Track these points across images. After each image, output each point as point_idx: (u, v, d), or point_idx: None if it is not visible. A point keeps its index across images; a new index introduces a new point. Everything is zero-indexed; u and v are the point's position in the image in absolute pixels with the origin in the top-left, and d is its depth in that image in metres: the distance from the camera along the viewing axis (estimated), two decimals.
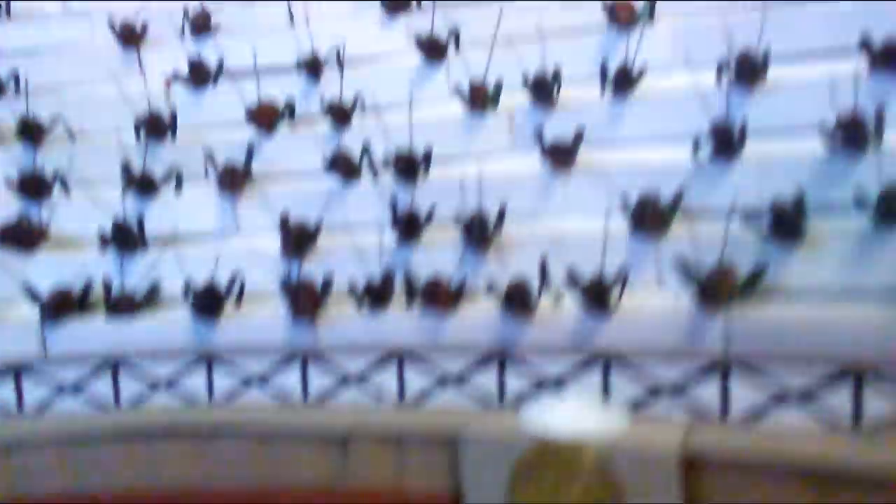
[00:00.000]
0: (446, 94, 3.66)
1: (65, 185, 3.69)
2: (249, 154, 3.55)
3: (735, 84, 3.07)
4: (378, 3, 4.11)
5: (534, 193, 3.21)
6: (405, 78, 3.79)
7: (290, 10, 4.34)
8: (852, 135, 2.70)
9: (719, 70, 3.14)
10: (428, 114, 3.61)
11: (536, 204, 3.20)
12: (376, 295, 2.96)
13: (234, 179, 3.47)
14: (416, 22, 3.98)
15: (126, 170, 3.58)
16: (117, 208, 3.51)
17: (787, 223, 2.60)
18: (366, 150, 3.41)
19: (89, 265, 3.41)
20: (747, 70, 3.03)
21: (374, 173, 3.37)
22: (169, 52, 4.24)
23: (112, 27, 4.27)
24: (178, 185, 3.61)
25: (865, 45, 2.92)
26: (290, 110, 3.75)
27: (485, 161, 3.38)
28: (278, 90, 3.87)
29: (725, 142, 2.87)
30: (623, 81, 3.24)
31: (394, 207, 3.16)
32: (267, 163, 3.69)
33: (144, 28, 4.31)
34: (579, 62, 3.54)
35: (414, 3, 4.07)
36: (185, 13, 4.28)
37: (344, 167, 3.38)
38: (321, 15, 4.31)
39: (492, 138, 3.48)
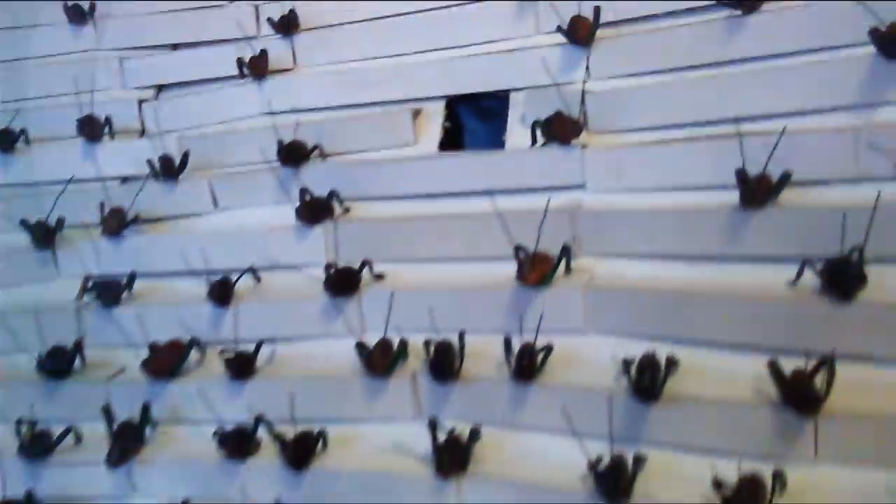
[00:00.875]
0: (355, 332, 3.45)
1: None
2: (145, 412, 3.37)
3: (633, 397, 2.78)
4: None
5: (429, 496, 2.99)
6: (313, 312, 3.56)
7: (213, 195, 4.13)
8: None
9: (626, 365, 2.84)
10: (333, 361, 3.42)
11: None
12: None
13: (127, 447, 3.29)
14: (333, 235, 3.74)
15: (18, 427, 3.43)
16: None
17: None
18: (259, 421, 3.20)
19: None
20: (646, 384, 2.73)
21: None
22: (81, 258, 4.05)
23: (24, 224, 4.08)
24: (78, 440, 3.46)
25: (775, 370, 2.61)
26: (197, 345, 3.54)
27: (387, 427, 3.20)
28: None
29: (611, 488, 2.61)
30: (526, 365, 2.97)
31: None
32: (170, 410, 3.51)
33: (61, 223, 4.10)
34: (489, 318, 3.28)
35: (337, 206, 3.80)
36: (101, 206, 4.05)
37: (237, 443, 3.18)
38: (241, 201, 4.11)
39: (394, 404, 3.25)
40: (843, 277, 2.65)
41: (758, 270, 3.00)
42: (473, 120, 4.19)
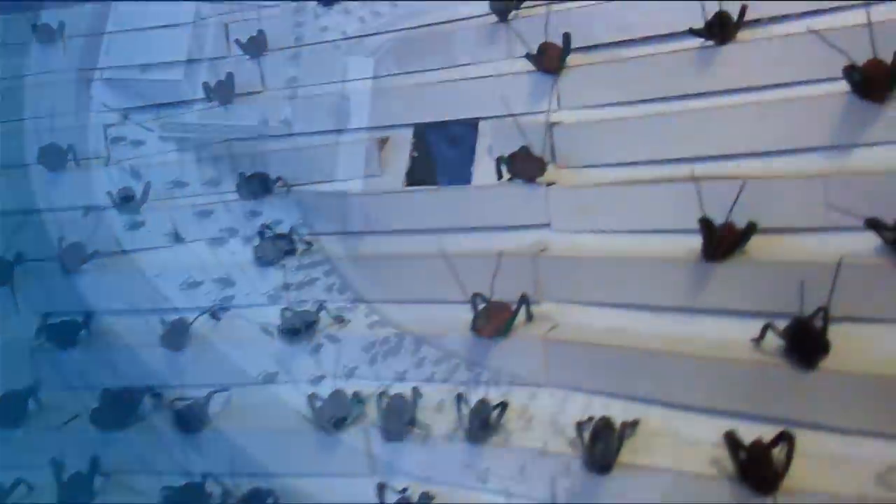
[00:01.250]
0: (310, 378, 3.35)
1: None
2: (94, 465, 3.28)
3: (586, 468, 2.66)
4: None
5: None
6: (269, 356, 3.45)
7: (174, 228, 4.02)
8: None
9: (579, 429, 2.71)
10: (289, 409, 3.31)
11: None
12: None
13: (75, 501, 3.19)
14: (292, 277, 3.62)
15: None
16: None
17: None
18: (207, 477, 3.10)
19: None
20: (598, 454, 2.60)
21: None
22: (41, 294, 3.95)
23: None
24: (30, 489, 3.37)
25: (732, 443, 2.47)
26: (150, 393, 3.44)
27: (341, 482, 3.09)
28: None
29: None
30: (479, 424, 2.85)
31: None
32: (122, 460, 3.42)
33: (20, 257, 4.01)
34: (447, 366, 3.16)
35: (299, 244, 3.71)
36: (60, 241, 3.95)
37: (186, 500, 3.07)
38: (203, 234, 4.00)
39: (347, 459, 3.14)
40: (805, 344, 2.49)
41: (723, 324, 2.88)
42: (443, 146, 4.04)
